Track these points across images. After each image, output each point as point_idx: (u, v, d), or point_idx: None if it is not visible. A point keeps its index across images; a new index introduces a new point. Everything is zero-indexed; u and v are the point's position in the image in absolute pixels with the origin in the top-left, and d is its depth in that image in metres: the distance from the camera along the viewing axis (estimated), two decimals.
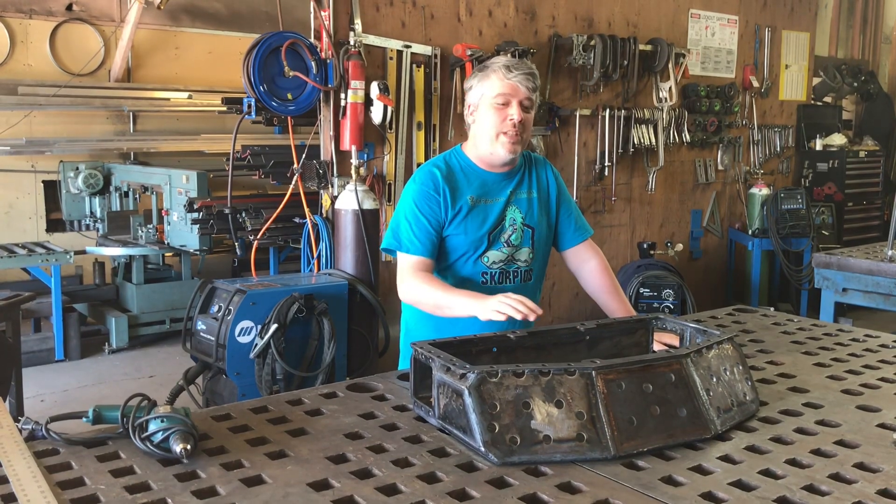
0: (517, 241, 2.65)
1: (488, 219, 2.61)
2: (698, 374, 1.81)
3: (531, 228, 2.67)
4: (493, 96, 2.51)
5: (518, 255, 2.66)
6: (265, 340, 4.08)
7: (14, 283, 6.76)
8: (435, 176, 2.59)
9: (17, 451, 1.58)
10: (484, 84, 2.54)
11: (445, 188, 2.57)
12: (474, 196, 2.60)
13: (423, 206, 2.57)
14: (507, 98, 2.50)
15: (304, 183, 5.06)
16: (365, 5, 5.05)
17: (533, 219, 2.68)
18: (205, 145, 8.29)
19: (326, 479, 1.54)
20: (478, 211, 2.60)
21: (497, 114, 2.51)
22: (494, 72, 2.52)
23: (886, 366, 2.37)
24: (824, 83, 9.46)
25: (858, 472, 1.62)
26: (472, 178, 2.62)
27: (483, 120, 2.55)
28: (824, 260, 4.82)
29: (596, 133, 6.42)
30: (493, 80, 2.51)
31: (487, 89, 2.53)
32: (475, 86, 2.57)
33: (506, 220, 2.63)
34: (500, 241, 2.63)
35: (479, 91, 2.55)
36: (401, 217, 2.61)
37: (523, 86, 2.49)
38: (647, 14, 6.65)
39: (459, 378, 1.68)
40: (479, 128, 2.58)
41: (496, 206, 2.62)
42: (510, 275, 2.65)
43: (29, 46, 7.88)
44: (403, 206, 2.63)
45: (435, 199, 2.57)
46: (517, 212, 2.65)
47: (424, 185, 2.59)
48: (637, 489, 1.52)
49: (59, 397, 5.51)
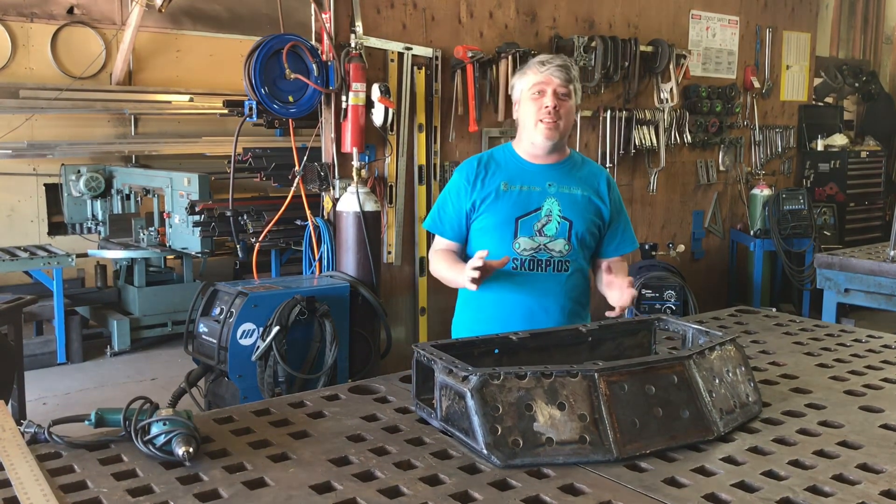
0: (552, 231, 2.69)
1: (520, 204, 2.70)
2: (701, 375, 1.81)
3: (568, 221, 2.70)
4: (528, 88, 2.68)
5: (552, 245, 2.69)
6: (267, 343, 4.08)
7: (16, 287, 6.76)
8: (471, 165, 2.79)
9: (19, 454, 1.58)
10: (522, 80, 2.72)
11: (477, 177, 2.74)
12: (507, 182, 2.72)
13: (453, 195, 2.79)
14: (542, 87, 2.65)
15: (305, 185, 5.06)
16: (366, 7, 5.05)
17: (573, 213, 2.70)
18: (206, 148, 8.29)
19: (329, 481, 1.54)
20: (510, 196, 2.71)
21: (534, 104, 2.67)
22: (530, 67, 2.71)
23: (889, 366, 2.37)
24: (825, 83, 9.46)
25: (861, 472, 1.61)
26: (510, 167, 2.76)
27: (523, 112, 2.72)
28: (826, 260, 4.82)
29: (597, 134, 6.41)
30: (528, 75, 2.70)
31: (525, 84, 2.70)
32: (516, 84, 2.75)
33: (542, 209, 2.69)
34: (530, 228, 2.68)
35: (520, 87, 2.73)
36: (439, 201, 2.87)
37: (556, 76, 2.64)
38: (647, 15, 6.65)
39: (462, 380, 1.68)
40: (521, 120, 2.76)
41: (532, 193, 2.71)
42: (542, 264, 2.68)
43: (30, 50, 7.89)
44: (443, 191, 2.87)
45: (465, 188, 2.75)
46: (555, 203, 2.70)
47: (460, 175, 2.80)
48: (640, 491, 1.52)
49: (62, 400, 5.51)
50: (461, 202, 2.75)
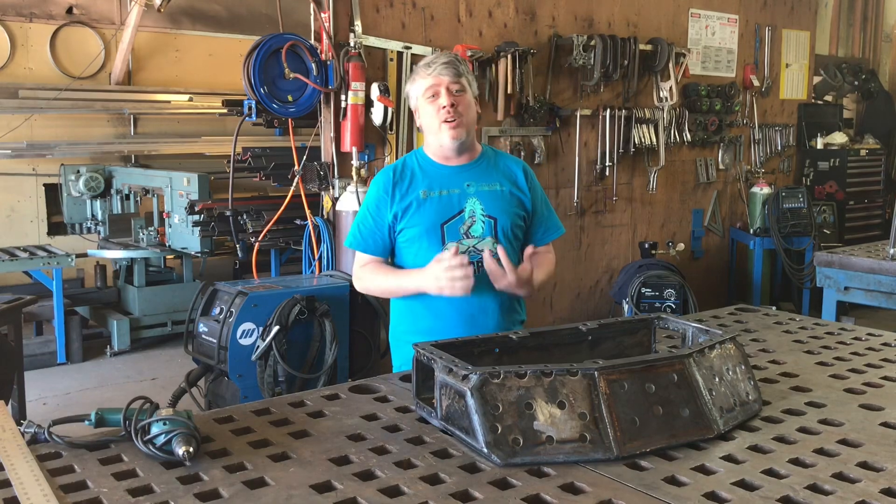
0: (478, 231, 2.66)
1: (442, 210, 2.66)
2: (701, 373, 1.81)
3: (493, 219, 2.67)
4: (422, 94, 2.65)
5: (481, 245, 2.65)
6: (267, 342, 4.08)
7: (16, 287, 6.76)
8: (387, 177, 2.72)
9: (19, 454, 1.58)
10: (414, 86, 2.69)
11: (395, 187, 2.69)
12: (426, 189, 2.68)
13: (372, 209, 2.73)
14: (435, 89, 2.62)
15: (304, 185, 5.06)
16: (365, 7, 5.05)
17: (496, 210, 2.68)
18: (205, 148, 8.29)
19: (329, 480, 1.54)
20: (430, 203, 2.66)
21: (431, 106, 2.64)
22: (418, 73, 2.67)
23: (889, 364, 2.37)
24: (825, 82, 9.46)
25: (862, 471, 1.61)
26: (427, 173, 2.71)
27: (424, 117, 2.68)
28: (826, 259, 4.82)
29: (597, 133, 6.41)
30: (418, 81, 2.66)
31: (418, 90, 2.67)
32: (410, 92, 2.71)
33: (465, 211, 2.66)
34: (457, 233, 2.65)
35: (414, 94, 2.69)
36: (358, 217, 2.80)
37: (444, 74, 2.60)
38: (647, 14, 6.65)
39: (462, 379, 1.68)
40: (424, 125, 2.71)
41: (452, 197, 2.67)
42: (474, 265, 2.56)
43: (29, 50, 7.89)
44: (361, 207, 2.82)
45: (384, 200, 2.70)
46: (477, 203, 2.67)
47: (376, 187, 2.74)
48: (640, 489, 1.52)
49: (62, 400, 5.51)
50: (382, 215, 2.69)
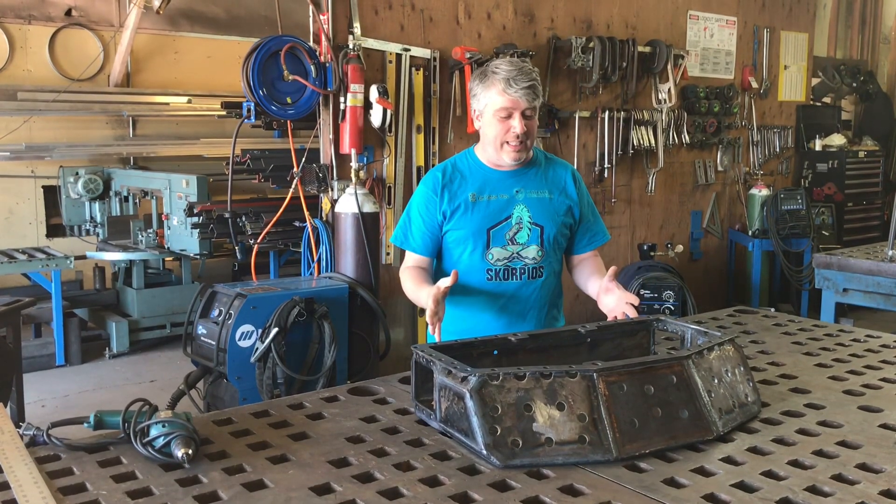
0: (523, 239, 2.66)
1: (490, 215, 2.65)
2: (700, 375, 1.81)
3: (539, 227, 2.67)
4: (495, 110, 2.55)
5: (525, 252, 2.67)
6: (266, 344, 4.07)
7: (14, 289, 6.76)
8: (436, 178, 2.70)
9: (18, 456, 1.58)
10: (486, 95, 2.56)
11: (445, 188, 2.67)
12: (475, 193, 2.66)
13: (421, 208, 2.71)
14: (510, 111, 2.54)
15: (303, 187, 5.06)
16: (364, 9, 5.05)
17: (543, 218, 2.68)
18: (204, 149, 8.29)
19: (328, 483, 1.54)
20: (479, 207, 2.65)
21: (500, 125, 2.56)
22: (495, 85, 2.52)
23: (888, 366, 2.37)
24: (823, 83, 9.46)
25: (861, 472, 1.61)
26: (476, 177, 2.69)
27: (487, 129, 2.61)
28: (825, 260, 4.82)
29: (595, 135, 6.42)
30: (493, 95, 2.53)
31: (490, 101, 2.55)
32: (479, 94, 2.59)
33: (512, 217, 2.66)
34: (502, 238, 2.65)
35: (483, 101, 2.58)
36: (405, 215, 2.78)
37: (524, 99, 2.51)
38: (645, 16, 6.66)
39: (461, 381, 1.68)
40: (484, 135, 2.65)
41: (500, 202, 2.66)
42: (515, 272, 2.66)
43: (28, 52, 7.88)
44: (409, 205, 2.79)
45: (433, 201, 2.68)
46: (525, 210, 2.67)
47: (426, 187, 2.72)
48: (639, 491, 1.52)
49: (60, 403, 5.50)
50: (432, 214, 2.68)
